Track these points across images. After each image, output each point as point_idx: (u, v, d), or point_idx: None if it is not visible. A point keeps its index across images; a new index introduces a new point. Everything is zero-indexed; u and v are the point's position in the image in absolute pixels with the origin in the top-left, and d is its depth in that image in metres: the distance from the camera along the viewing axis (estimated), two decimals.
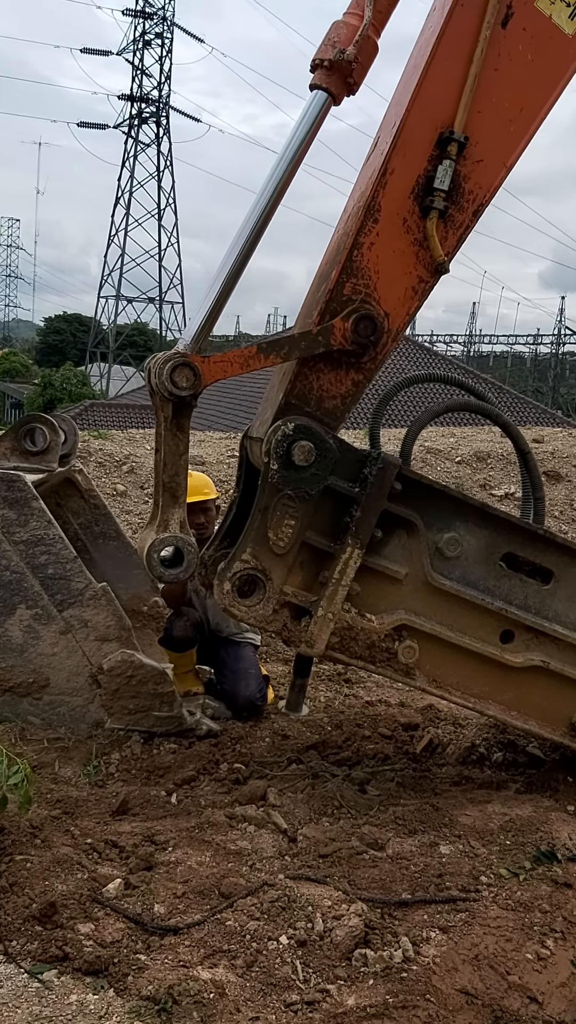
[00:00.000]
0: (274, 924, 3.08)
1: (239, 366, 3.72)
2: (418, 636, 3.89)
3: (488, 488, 9.37)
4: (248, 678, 5.12)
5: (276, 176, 3.83)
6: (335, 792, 4.06)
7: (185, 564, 3.80)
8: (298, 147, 3.84)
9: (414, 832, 3.81)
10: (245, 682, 5.10)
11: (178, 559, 3.80)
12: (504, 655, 3.99)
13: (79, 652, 4.51)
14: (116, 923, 3.09)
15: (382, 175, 3.74)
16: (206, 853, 3.53)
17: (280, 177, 3.83)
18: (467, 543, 3.94)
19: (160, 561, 3.78)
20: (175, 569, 3.80)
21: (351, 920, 3.09)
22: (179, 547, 3.79)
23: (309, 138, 3.87)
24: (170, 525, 3.82)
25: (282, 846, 3.66)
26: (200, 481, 5.29)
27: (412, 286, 3.85)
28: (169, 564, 3.80)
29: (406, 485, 3.76)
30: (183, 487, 3.90)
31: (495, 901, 3.37)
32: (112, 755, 4.45)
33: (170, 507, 3.85)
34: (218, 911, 3.13)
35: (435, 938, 3.14)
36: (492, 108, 3.79)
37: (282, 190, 3.86)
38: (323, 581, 3.73)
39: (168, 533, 3.80)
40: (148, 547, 3.78)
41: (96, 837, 3.65)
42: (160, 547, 3.77)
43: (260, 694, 5.11)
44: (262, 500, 3.65)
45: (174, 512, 3.85)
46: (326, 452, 3.65)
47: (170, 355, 3.67)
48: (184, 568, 3.80)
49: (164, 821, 3.83)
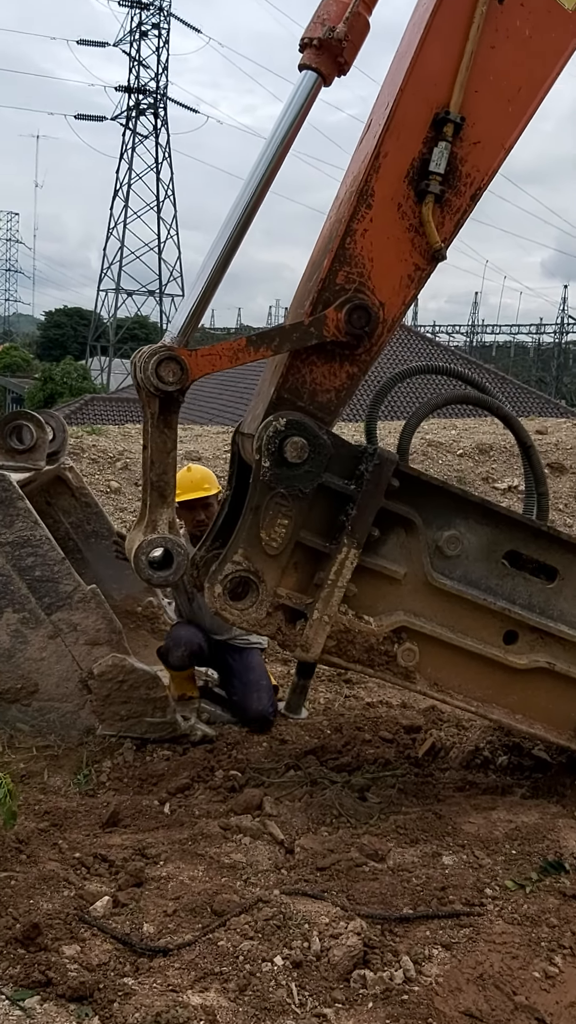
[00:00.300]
0: (269, 944, 2.94)
1: (228, 359, 3.56)
2: (418, 638, 3.74)
3: (491, 481, 9.21)
4: (260, 691, 4.91)
5: (264, 161, 3.67)
6: (334, 800, 3.92)
7: (175, 566, 3.66)
8: (287, 131, 3.69)
9: (416, 842, 3.67)
10: (257, 695, 4.89)
11: (167, 561, 3.66)
12: (508, 657, 3.84)
13: (69, 656, 4.38)
14: (103, 944, 2.96)
15: (375, 158, 3.58)
16: (199, 867, 3.39)
17: (269, 163, 3.67)
18: (468, 541, 3.79)
19: (149, 563, 3.64)
20: (164, 571, 3.66)
21: (349, 939, 2.95)
22: (168, 548, 3.64)
23: (299, 121, 3.71)
24: (158, 526, 3.68)
25: (278, 858, 3.53)
26: (200, 476, 5.08)
27: (408, 274, 3.69)
28: (158, 566, 3.66)
29: (404, 482, 3.61)
30: (171, 486, 3.75)
31: (500, 915, 3.23)
32: (103, 763, 4.32)
33: (158, 507, 3.71)
34: (210, 930, 2.99)
35: (438, 956, 3.00)
36: (489, 87, 3.63)
37: (271, 176, 3.70)
38: (318, 583, 3.58)
39: (156, 534, 3.65)
40: (136, 549, 3.64)
41: (85, 851, 3.52)
42: (148, 549, 3.63)
43: (272, 708, 4.92)
44: (254, 499, 3.51)
45: (162, 512, 3.71)
46: (320, 448, 3.50)
47: (155, 348, 3.52)
48: (174, 570, 3.66)
49: (156, 833, 3.69)
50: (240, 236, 3.70)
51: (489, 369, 36.83)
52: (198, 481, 4.96)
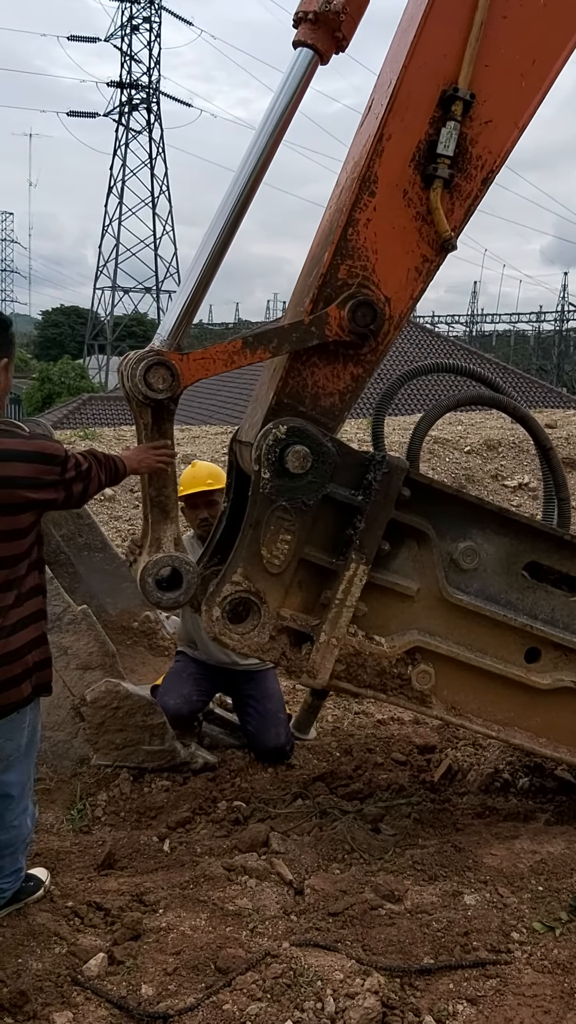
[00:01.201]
0: (279, 1005, 2.68)
1: (222, 363, 3.28)
2: (433, 659, 3.47)
3: (500, 479, 8.91)
4: (278, 724, 4.54)
5: (259, 146, 3.39)
6: (345, 833, 3.65)
7: (184, 585, 3.38)
8: (282, 112, 3.41)
9: (435, 879, 3.40)
10: (275, 730, 4.52)
11: (176, 580, 3.38)
12: (530, 676, 3.57)
13: (60, 682, 4.09)
14: (97, 1009, 2.70)
15: (378, 141, 3.29)
16: (201, 915, 3.13)
17: (264, 147, 3.40)
18: (485, 553, 3.52)
19: (156, 585, 3.37)
20: (174, 592, 3.38)
21: (367, 999, 2.69)
22: (176, 567, 3.37)
23: (295, 102, 3.44)
24: (163, 544, 3.41)
25: (287, 902, 3.26)
26: (205, 471, 4.73)
27: (415, 266, 3.40)
28: (167, 587, 3.39)
29: (415, 491, 3.34)
30: (173, 500, 3.48)
31: (529, 963, 2.97)
32: (99, 796, 4.04)
33: (161, 524, 3.44)
34: (214, 991, 2.73)
35: (463, 1012, 2.75)
36: (501, 61, 3.34)
37: (266, 162, 3.43)
38: (325, 602, 3.31)
39: (162, 553, 3.38)
40: (141, 571, 3.37)
41: (78, 899, 3.25)
42: (154, 569, 3.36)
43: (290, 743, 4.57)
44: (253, 513, 3.23)
45: (166, 529, 3.44)
46: (324, 457, 3.22)
47: (143, 354, 3.24)
48: (184, 590, 3.38)
49: (155, 875, 3.43)
50: (234, 227, 3.43)
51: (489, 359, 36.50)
52: (201, 476, 4.65)
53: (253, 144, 3.41)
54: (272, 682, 4.73)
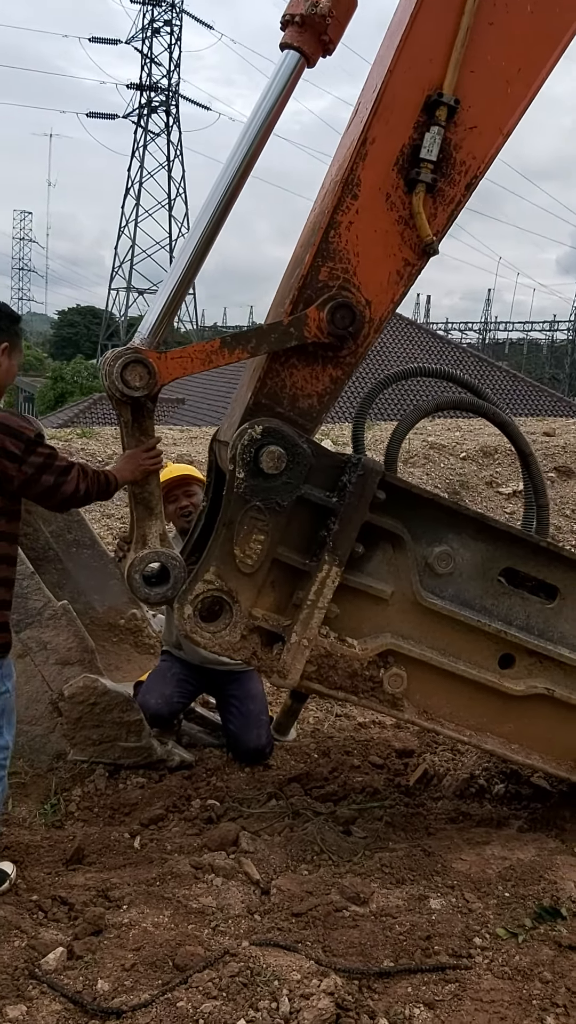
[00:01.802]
0: (233, 1004, 2.68)
1: (200, 362, 3.30)
2: (406, 662, 3.47)
3: (495, 485, 8.89)
4: (260, 726, 4.55)
5: (243, 148, 3.41)
6: (316, 835, 3.64)
7: (172, 580, 3.39)
8: (267, 115, 3.42)
9: (402, 882, 3.39)
10: (256, 731, 4.52)
11: (164, 576, 3.40)
12: (503, 682, 3.56)
13: (38, 677, 4.12)
14: (52, 1003, 2.70)
15: (362, 145, 3.31)
16: (164, 912, 3.13)
17: (248, 149, 3.41)
18: (461, 557, 3.51)
19: (144, 580, 3.38)
20: (161, 587, 3.40)
21: (321, 1000, 2.68)
22: (162, 563, 3.38)
23: (279, 105, 3.45)
24: (149, 540, 3.43)
25: (252, 901, 3.26)
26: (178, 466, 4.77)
27: (397, 270, 3.41)
28: (155, 582, 3.40)
29: (391, 494, 3.34)
30: (157, 496, 3.50)
31: (490, 968, 2.96)
32: (73, 791, 4.05)
33: (146, 520, 3.46)
34: (170, 988, 2.73)
35: (419, 1016, 2.73)
36: (487, 67, 3.35)
37: (250, 163, 3.44)
38: (297, 603, 3.31)
39: (148, 549, 3.39)
40: (128, 568, 3.38)
41: (43, 892, 3.26)
42: (141, 565, 3.37)
43: (270, 745, 4.58)
44: (227, 513, 3.24)
45: (151, 525, 3.45)
46: (299, 458, 3.23)
47: (121, 351, 3.26)
48: (171, 585, 3.39)
49: (122, 871, 3.43)
50: (217, 227, 3.44)
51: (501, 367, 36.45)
52: (177, 468, 4.68)
53: (238, 145, 3.42)
54: (255, 683, 4.73)
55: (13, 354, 3.15)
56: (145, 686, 4.59)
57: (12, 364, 3.16)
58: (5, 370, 3.14)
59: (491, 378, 32.74)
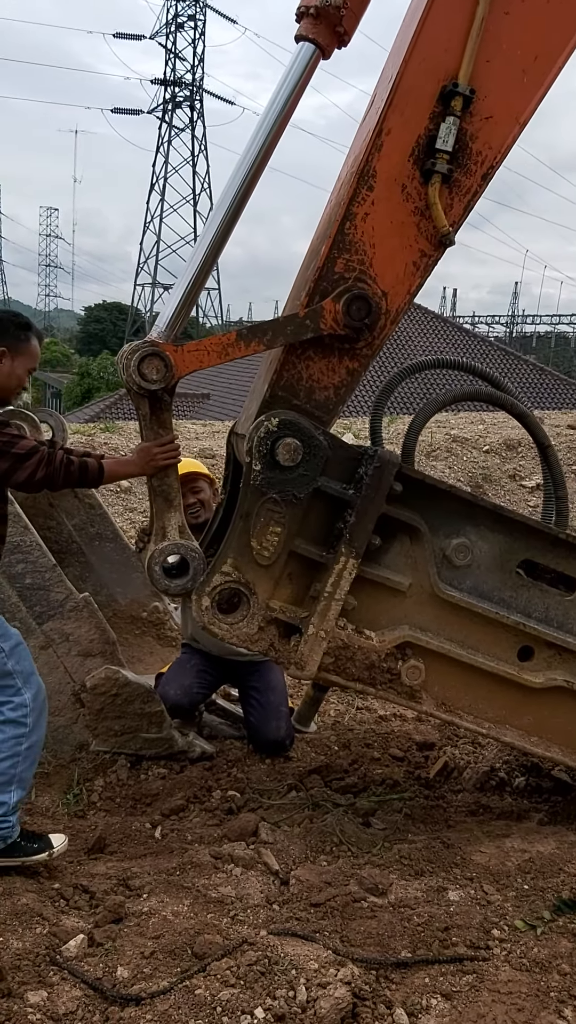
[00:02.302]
0: (251, 992, 2.70)
1: (217, 355, 3.31)
2: (424, 654, 3.47)
3: (518, 478, 8.84)
4: (280, 717, 4.56)
5: (259, 141, 3.41)
6: (335, 826, 3.66)
7: (191, 572, 3.41)
8: (283, 107, 3.42)
9: (421, 874, 3.40)
10: (276, 723, 4.54)
11: (183, 567, 3.42)
12: (523, 675, 3.55)
13: (61, 668, 4.16)
14: (73, 990, 2.73)
15: (377, 136, 3.30)
16: (184, 901, 3.15)
17: (263, 142, 3.42)
18: (479, 549, 3.51)
19: (164, 572, 3.40)
20: (181, 579, 3.41)
21: (338, 989, 2.69)
22: (182, 554, 3.40)
23: (295, 97, 3.45)
24: (168, 532, 3.45)
25: (271, 891, 3.28)
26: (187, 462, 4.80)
27: (413, 261, 3.40)
28: (175, 574, 3.42)
29: (407, 485, 3.34)
30: (176, 488, 3.51)
31: (508, 960, 2.96)
32: (96, 781, 4.09)
33: (165, 512, 3.47)
34: (188, 976, 2.75)
35: (436, 1007, 2.74)
36: (502, 56, 3.32)
37: (266, 156, 3.45)
38: (315, 595, 3.32)
39: (167, 541, 3.41)
40: (148, 559, 3.41)
41: (65, 881, 3.30)
42: (160, 557, 3.39)
43: (290, 736, 4.59)
44: (244, 505, 3.26)
45: (171, 517, 3.47)
46: (315, 450, 3.24)
47: (138, 345, 3.27)
48: (191, 576, 3.41)
49: (143, 861, 3.46)
50: (233, 221, 3.44)
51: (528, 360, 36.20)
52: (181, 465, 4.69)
53: (253, 138, 3.43)
54: (276, 675, 4.74)
55: (17, 359, 3.23)
56: (165, 677, 4.62)
57: (15, 368, 3.24)
58: (6, 375, 3.22)
59: (518, 371, 32.53)
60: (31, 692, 3.29)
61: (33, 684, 3.32)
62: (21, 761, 3.26)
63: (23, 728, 3.26)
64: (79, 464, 3.24)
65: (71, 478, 3.22)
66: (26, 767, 3.29)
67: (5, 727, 3.24)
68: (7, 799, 3.23)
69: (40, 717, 3.33)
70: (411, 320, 31.98)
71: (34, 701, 3.30)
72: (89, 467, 3.27)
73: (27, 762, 3.29)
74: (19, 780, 3.26)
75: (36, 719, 3.30)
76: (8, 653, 3.27)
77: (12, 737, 3.23)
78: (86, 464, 3.26)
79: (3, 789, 3.23)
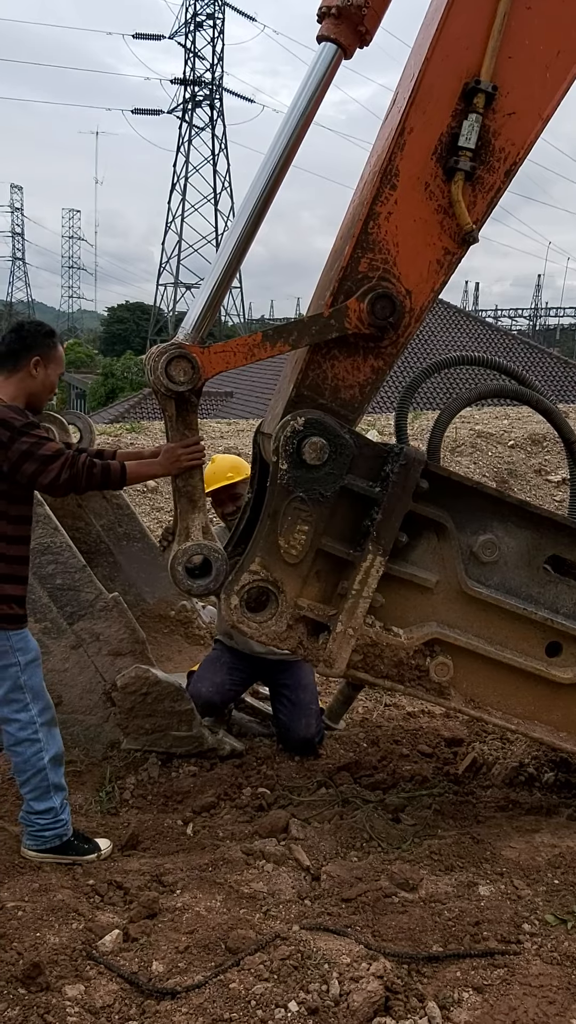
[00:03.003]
0: (284, 986, 2.73)
1: (243, 356, 3.34)
2: (452, 651, 3.48)
3: (544, 473, 8.81)
4: (309, 716, 4.57)
5: (283, 141, 3.43)
6: (365, 822, 3.68)
7: (214, 572, 3.44)
8: (306, 108, 3.44)
9: (451, 869, 3.41)
10: (306, 721, 4.54)
11: (206, 568, 3.45)
12: (551, 670, 3.56)
13: (92, 667, 4.21)
14: (109, 984, 2.78)
15: (400, 135, 3.31)
16: (217, 897, 3.19)
17: (287, 142, 3.44)
18: (506, 546, 3.52)
19: (187, 573, 3.43)
20: (204, 580, 3.44)
21: (370, 983, 2.71)
22: (205, 555, 3.43)
23: (318, 97, 3.47)
24: (191, 533, 3.47)
25: (302, 887, 3.31)
26: (225, 464, 4.78)
27: (437, 259, 3.42)
28: (198, 574, 3.45)
29: (434, 482, 3.35)
30: (200, 490, 3.53)
31: (538, 954, 2.97)
32: (127, 779, 4.14)
33: (189, 513, 3.50)
34: (223, 970, 2.79)
35: (468, 1000, 2.75)
36: (524, 52, 3.33)
37: (290, 156, 3.47)
38: (342, 592, 3.35)
39: (191, 542, 3.44)
40: (171, 560, 3.44)
41: (100, 877, 3.35)
42: (183, 558, 3.42)
43: (320, 735, 4.60)
44: (271, 504, 3.28)
45: (194, 518, 3.49)
46: (341, 448, 3.26)
47: (165, 347, 3.31)
48: (214, 577, 3.44)
49: (176, 857, 3.50)
50: (258, 222, 3.47)
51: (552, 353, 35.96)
52: (221, 471, 4.69)
53: (277, 138, 3.45)
54: (307, 673, 4.75)
55: (49, 366, 3.38)
56: (197, 675, 4.65)
57: (49, 374, 3.39)
58: (40, 381, 3.37)
59: (542, 365, 32.33)
60: (37, 708, 3.40)
61: (41, 700, 3.42)
62: (49, 772, 3.41)
63: (38, 744, 3.39)
64: (101, 467, 3.29)
65: (93, 480, 3.27)
66: (55, 773, 3.44)
67: (20, 747, 3.38)
68: (52, 804, 3.41)
69: (51, 730, 3.45)
70: (434, 316, 31.85)
71: (40, 716, 3.41)
72: (112, 469, 3.31)
73: (55, 769, 3.44)
74: (54, 786, 3.43)
75: (47, 732, 3.43)
76: (23, 667, 3.37)
77: (32, 755, 3.38)
78: (108, 467, 3.31)
79: (44, 798, 3.41)
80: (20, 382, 3.34)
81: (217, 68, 65.83)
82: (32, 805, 3.40)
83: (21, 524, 3.37)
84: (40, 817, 3.40)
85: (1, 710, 3.37)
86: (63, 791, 3.47)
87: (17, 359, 3.33)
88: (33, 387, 3.37)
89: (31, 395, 3.38)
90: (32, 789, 3.39)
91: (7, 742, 3.41)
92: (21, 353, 3.33)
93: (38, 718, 3.39)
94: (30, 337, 3.36)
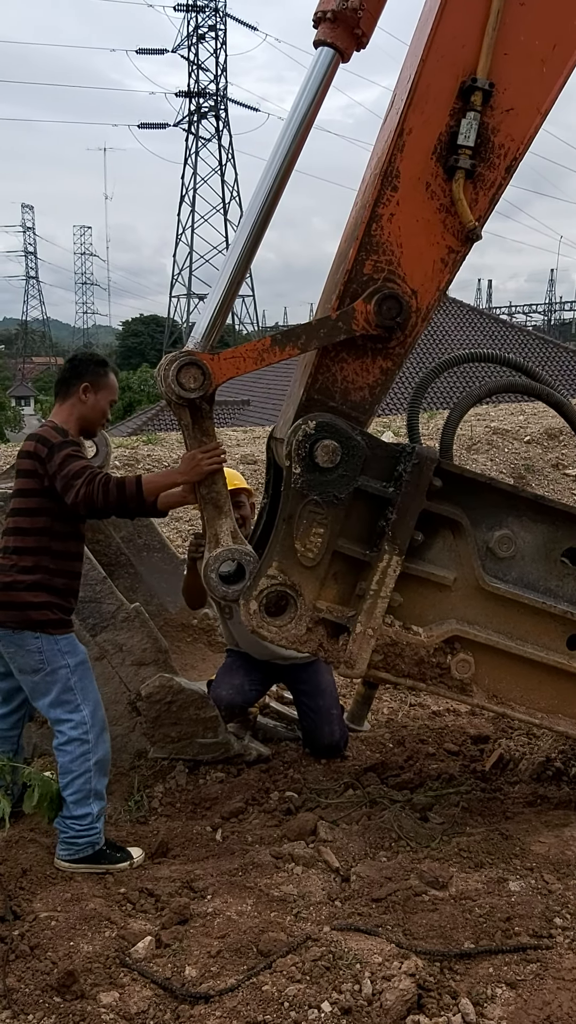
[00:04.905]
0: (317, 987, 2.74)
1: (252, 361, 3.36)
2: (473, 647, 3.49)
3: (561, 468, 8.78)
4: (332, 721, 4.56)
5: (284, 147, 3.46)
6: (393, 822, 3.69)
7: (248, 576, 3.44)
8: (305, 113, 3.47)
9: (481, 866, 3.41)
10: (329, 727, 4.54)
11: (240, 573, 3.45)
12: (573, 663, 3.55)
13: (116, 678, 4.24)
14: (143, 990, 2.80)
15: (399, 136, 3.33)
16: (247, 901, 3.21)
17: (288, 148, 3.47)
18: (522, 540, 3.52)
19: (220, 579, 3.44)
20: (238, 584, 3.44)
21: (402, 982, 2.72)
22: (237, 559, 3.45)
23: (317, 102, 3.50)
24: (221, 538, 3.48)
25: (332, 888, 3.32)
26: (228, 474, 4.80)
27: (441, 258, 3.43)
28: (232, 580, 3.46)
29: (447, 480, 3.36)
30: (224, 495, 3.54)
31: (571, 948, 2.96)
32: (156, 787, 4.16)
33: (216, 520, 3.51)
34: (255, 973, 2.80)
35: (501, 996, 2.76)
36: (520, 48, 3.34)
37: (291, 162, 3.50)
38: (360, 593, 3.36)
39: (221, 547, 3.46)
40: (204, 568, 3.46)
41: (131, 885, 3.37)
42: (216, 564, 3.43)
43: (344, 739, 4.59)
44: (286, 508, 3.30)
45: (222, 524, 3.51)
46: (353, 450, 3.27)
47: (176, 355, 3.34)
48: (248, 581, 3.45)
49: (206, 863, 3.52)
50: (262, 229, 3.50)
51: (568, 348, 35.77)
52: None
53: (278, 145, 3.48)
54: (325, 677, 4.70)
55: (100, 392, 3.59)
56: (215, 682, 4.65)
57: (99, 400, 3.59)
58: (90, 406, 3.57)
59: (557, 360, 32.18)
60: (89, 709, 3.47)
61: (91, 701, 3.50)
62: (94, 776, 3.46)
63: (86, 744, 3.45)
64: (116, 481, 3.33)
65: (110, 496, 3.31)
66: (99, 780, 3.49)
67: (69, 746, 3.44)
68: (89, 810, 3.45)
69: (102, 733, 3.52)
70: (447, 314, 31.81)
71: (92, 717, 3.48)
72: (126, 482, 3.35)
73: (99, 776, 3.49)
74: (95, 793, 3.48)
75: (97, 735, 3.49)
76: (73, 669, 3.45)
77: (80, 755, 3.44)
78: (122, 480, 3.35)
79: (83, 803, 3.44)
80: (72, 407, 3.56)
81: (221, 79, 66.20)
82: (71, 809, 3.44)
83: (69, 540, 3.51)
84: (76, 823, 3.44)
85: (54, 711, 3.45)
86: (102, 802, 3.52)
87: (69, 386, 3.56)
88: (83, 411, 3.57)
89: (82, 419, 3.58)
90: (75, 792, 3.43)
91: (56, 741, 3.48)
92: (72, 381, 3.56)
93: (89, 719, 3.46)
94: (81, 366, 3.60)
